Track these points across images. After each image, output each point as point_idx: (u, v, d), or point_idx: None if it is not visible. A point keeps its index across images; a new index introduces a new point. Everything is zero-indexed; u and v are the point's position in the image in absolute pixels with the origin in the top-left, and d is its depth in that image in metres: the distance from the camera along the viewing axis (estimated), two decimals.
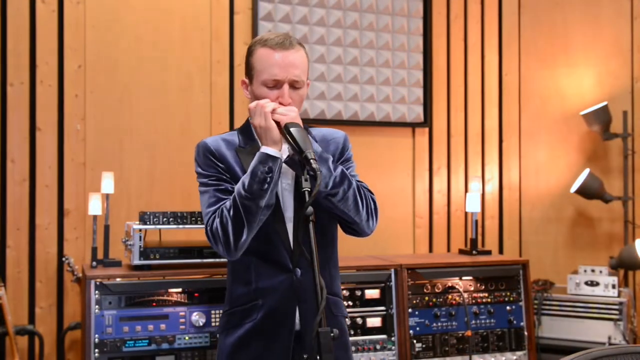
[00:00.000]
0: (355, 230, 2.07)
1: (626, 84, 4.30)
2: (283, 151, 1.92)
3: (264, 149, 1.91)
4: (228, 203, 1.94)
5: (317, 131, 2.14)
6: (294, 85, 1.99)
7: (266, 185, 1.88)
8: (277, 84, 1.97)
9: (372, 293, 3.19)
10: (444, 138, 4.35)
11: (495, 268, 3.47)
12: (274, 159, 1.89)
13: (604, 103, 4.17)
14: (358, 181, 2.06)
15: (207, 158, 2.03)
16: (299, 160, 1.80)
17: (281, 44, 1.98)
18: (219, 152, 2.03)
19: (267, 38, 2.00)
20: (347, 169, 2.06)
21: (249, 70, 2.04)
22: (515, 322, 3.42)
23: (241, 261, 2.03)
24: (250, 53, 2.03)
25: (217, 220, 1.93)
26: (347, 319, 2.13)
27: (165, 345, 2.80)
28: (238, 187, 1.92)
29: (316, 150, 1.91)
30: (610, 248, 4.28)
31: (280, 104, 1.96)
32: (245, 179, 1.90)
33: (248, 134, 2.07)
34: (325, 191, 1.91)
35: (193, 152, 3.81)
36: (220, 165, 2.02)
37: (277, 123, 1.90)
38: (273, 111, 1.91)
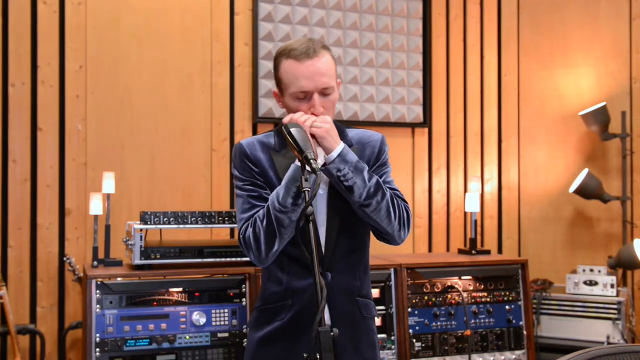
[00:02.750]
0: (386, 239, 2.08)
1: (625, 85, 4.31)
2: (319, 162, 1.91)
3: (298, 163, 1.88)
4: (261, 212, 1.95)
5: (354, 133, 2.14)
6: (323, 92, 1.98)
7: (299, 200, 1.90)
8: (307, 95, 1.96)
9: (372, 292, 3.19)
10: (443, 138, 4.37)
11: (495, 268, 3.48)
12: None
13: (603, 103, 4.18)
14: (392, 188, 2.07)
15: (242, 161, 2.03)
16: (299, 160, 1.81)
17: (305, 54, 1.95)
18: (253, 155, 2.03)
19: (291, 48, 1.97)
20: (382, 174, 2.08)
21: (278, 83, 2.02)
22: (514, 321, 3.44)
23: (275, 260, 2.05)
24: (276, 66, 2.01)
25: (250, 230, 1.95)
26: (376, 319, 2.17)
27: (165, 345, 2.81)
28: (272, 198, 1.92)
29: (351, 159, 1.93)
30: (609, 248, 4.30)
31: (313, 114, 1.95)
32: (280, 190, 1.91)
33: (282, 137, 2.04)
34: (359, 202, 1.93)
35: (193, 153, 3.86)
36: (255, 169, 2.02)
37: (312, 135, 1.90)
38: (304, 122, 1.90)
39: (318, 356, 1.53)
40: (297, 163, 1.90)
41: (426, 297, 3.31)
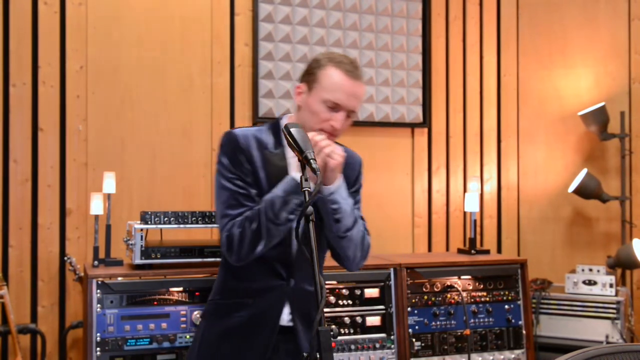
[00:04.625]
0: (343, 263, 2.17)
1: (623, 85, 4.33)
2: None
3: (297, 176, 1.93)
4: (250, 214, 1.97)
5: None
6: (349, 114, 2.04)
7: (293, 216, 1.94)
8: (335, 108, 2.01)
9: (372, 292, 3.21)
10: (442, 138, 4.38)
11: (494, 267, 3.49)
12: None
13: (602, 104, 4.19)
14: (361, 217, 2.15)
15: (235, 154, 2.03)
16: (299, 160, 1.83)
17: (353, 73, 2.02)
18: (248, 152, 2.04)
19: (340, 60, 2.03)
20: (355, 201, 2.16)
21: (312, 81, 2.05)
22: (513, 320, 3.45)
23: None
24: (318, 65, 2.05)
25: (237, 231, 1.97)
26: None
27: (166, 344, 2.82)
28: (266, 205, 1.94)
29: (345, 196, 2.01)
30: (608, 247, 4.31)
31: (332, 126, 2.01)
32: (276, 200, 1.94)
33: (278, 137, 2.09)
34: (337, 233, 2.03)
35: (193, 153, 3.86)
36: (247, 166, 2.03)
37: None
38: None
39: (318, 355, 1.54)
40: (295, 176, 1.93)
41: (426, 297, 3.32)
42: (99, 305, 2.77)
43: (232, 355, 2.10)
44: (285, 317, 2.10)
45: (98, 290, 2.78)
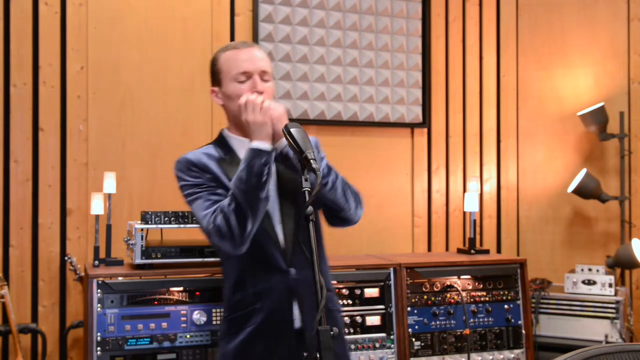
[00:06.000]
0: (343, 218, 2.14)
1: (623, 85, 4.33)
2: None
3: (256, 144, 1.97)
4: (226, 201, 1.98)
5: None
6: (262, 77, 2.07)
7: (264, 178, 1.94)
8: (247, 77, 2.06)
9: (371, 292, 3.22)
10: (442, 138, 4.39)
11: (493, 267, 3.49)
12: (267, 152, 1.96)
13: (601, 104, 4.20)
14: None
15: (192, 170, 2.09)
16: (299, 160, 1.83)
17: (242, 44, 2.11)
18: (201, 164, 2.09)
19: (227, 45, 2.14)
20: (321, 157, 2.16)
21: (217, 76, 2.14)
22: (513, 320, 3.45)
23: (235, 266, 2.09)
24: (214, 62, 2.15)
25: (220, 217, 1.96)
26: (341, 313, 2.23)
27: (166, 344, 2.82)
28: (235, 182, 1.96)
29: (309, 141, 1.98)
30: (607, 247, 4.31)
31: (256, 92, 2.03)
32: (241, 174, 1.95)
33: (225, 146, 2.14)
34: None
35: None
36: (206, 174, 2.08)
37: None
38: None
39: (318, 355, 1.55)
40: (256, 146, 1.96)
41: (425, 297, 3.33)
42: (99, 304, 2.78)
43: None
44: (297, 314, 2.06)
45: (98, 290, 2.78)
